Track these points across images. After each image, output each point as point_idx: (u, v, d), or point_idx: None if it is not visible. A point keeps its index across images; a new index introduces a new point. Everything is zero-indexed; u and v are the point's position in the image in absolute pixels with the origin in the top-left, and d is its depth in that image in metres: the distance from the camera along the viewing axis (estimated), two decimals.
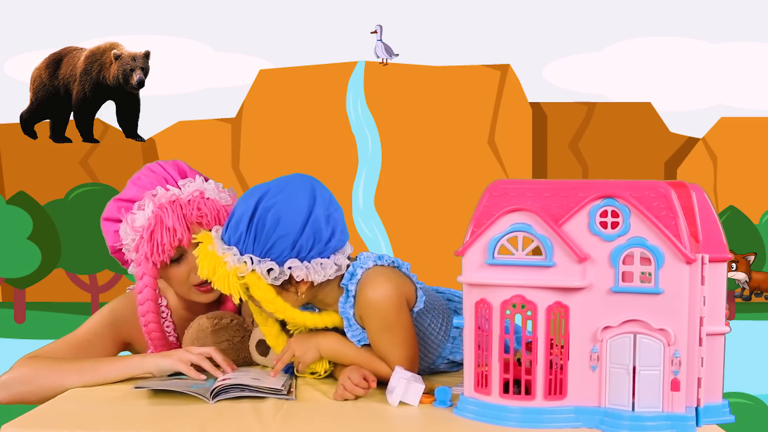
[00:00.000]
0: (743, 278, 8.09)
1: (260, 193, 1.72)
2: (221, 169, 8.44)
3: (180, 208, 1.93)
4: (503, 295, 1.51)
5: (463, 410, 1.58)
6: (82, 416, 1.62)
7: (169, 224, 1.91)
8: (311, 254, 1.72)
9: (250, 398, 1.71)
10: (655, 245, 1.46)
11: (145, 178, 1.99)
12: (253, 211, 1.70)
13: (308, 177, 1.78)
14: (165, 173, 1.99)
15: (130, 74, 7.99)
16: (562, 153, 9.05)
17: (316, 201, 1.73)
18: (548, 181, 1.55)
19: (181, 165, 2.02)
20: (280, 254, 1.70)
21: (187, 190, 1.96)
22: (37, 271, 7.74)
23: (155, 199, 1.94)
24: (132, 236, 1.94)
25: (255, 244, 1.70)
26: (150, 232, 1.92)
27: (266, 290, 1.72)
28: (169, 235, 1.91)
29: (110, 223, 2.01)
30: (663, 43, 12.23)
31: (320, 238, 1.72)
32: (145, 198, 1.95)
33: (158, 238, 1.91)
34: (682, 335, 1.46)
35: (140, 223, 1.93)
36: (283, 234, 1.69)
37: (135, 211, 1.95)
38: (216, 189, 1.99)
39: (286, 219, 1.70)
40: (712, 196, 8.00)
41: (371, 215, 8.43)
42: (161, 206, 1.92)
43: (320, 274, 1.72)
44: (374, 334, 1.78)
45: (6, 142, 8.61)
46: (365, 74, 8.66)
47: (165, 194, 1.94)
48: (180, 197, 1.94)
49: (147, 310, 1.97)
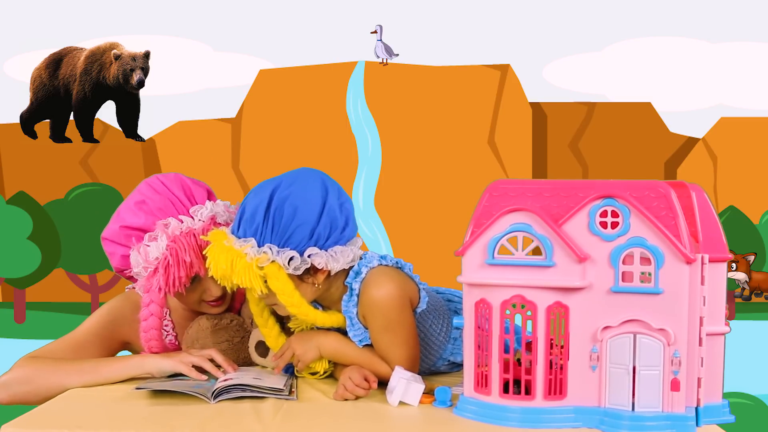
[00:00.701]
0: (743, 278, 8.08)
1: (272, 186, 1.73)
2: (221, 169, 8.44)
3: (194, 238, 1.88)
4: (503, 295, 1.51)
5: (463, 410, 1.58)
6: (82, 416, 1.62)
7: (186, 258, 1.86)
8: (329, 242, 1.73)
9: (251, 398, 1.71)
10: (655, 245, 1.46)
11: (152, 202, 1.92)
12: (269, 203, 1.71)
13: (316, 170, 1.79)
14: (171, 195, 1.93)
15: (130, 74, 7.99)
16: (562, 153, 9.05)
17: (328, 191, 1.74)
18: (548, 181, 1.55)
19: (184, 181, 1.96)
20: (299, 243, 1.71)
21: (200, 217, 1.90)
22: (37, 271, 7.74)
23: (168, 230, 1.88)
24: (144, 265, 1.89)
25: (273, 234, 1.70)
26: (165, 266, 1.86)
27: (285, 282, 1.72)
28: (186, 268, 1.87)
29: (116, 246, 1.95)
30: (663, 43, 12.23)
31: (336, 225, 1.73)
32: (157, 229, 1.89)
33: (174, 272, 1.86)
34: (682, 335, 1.46)
35: (154, 256, 1.87)
36: (301, 222, 1.70)
37: (148, 243, 1.89)
38: (225, 209, 1.94)
39: (303, 208, 1.70)
40: (712, 196, 8.00)
41: (371, 215, 8.43)
42: (176, 239, 1.87)
43: (339, 261, 1.73)
44: (377, 334, 1.78)
45: (6, 142, 8.61)
46: (365, 74, 8.66)
47: (178, 226, 1.88)
48: (193, 228, 1.89)
49: (150, 337, 1.92)
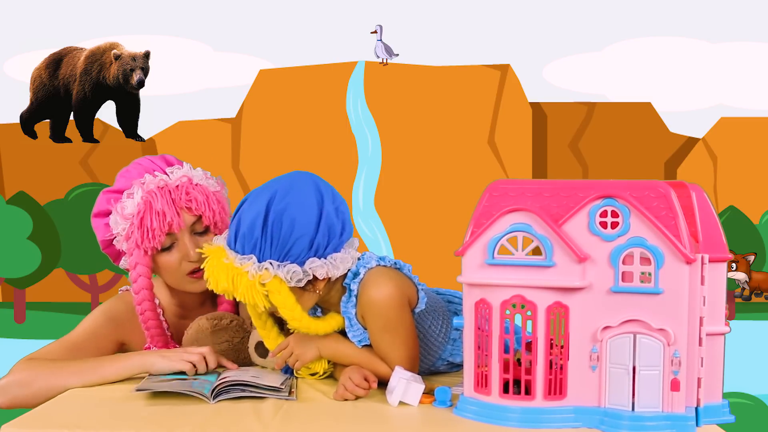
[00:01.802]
0: (743, 278, 8.08)
1: (268, 197, 1.69)
2: (221, 169, 8.43)
3: (169, 193, 1.95)
4: (503, 295, 1.51)
5: (463, 410, 1.58)
6: (82, 416, 1.62)
7: (159, 208, 1.93)
8: (327, 250, 1.72)
9: (251, 398, 1.71)
10: (655, 245, 1.46)
11: (134, 170, 2.02)
12: (266, 216, 1.68)
13: (308, 173, 1.77)
14: (152, 164, 2.02)
15: (130, 74, 7.98)
16: (562, 153, 9.05)
17: (323, 197, 1.72)
18: (548, 181, 1.55)
19: (168, 157, 2.06)
20: (299, 255, 1.69)
21: (175, 176, 1.98)
22: (37, 271, 7.74)
23: (144, 186, 1.96)
24: (123, 225, 1.97)
25: (272, 248, 1.68)
26: (140, 219, 1.94)
27: (287, 296, 1.70)
28: (159, 220, 1.93)
29: (100, 218, 2.03)
30: (663, 43, 12.22)
31: (334, 232, 1.72)
32: (133, 186, 1.97)
33: (148, 223, 1.93)
34: (682, 335, 1.46)
35: (130, 211, 1.95)
36: (300, 235, 1.68)
37: (124, 199, 1.97)
38: (204, 176, 2.02)
39: (301, 219, 1.68)
40: (712, 196, 7.99)
41: (371, 215, 8.42)
42: (150, 192, 1.95)
43: (339, 268, 1.72)
44: (375, 334, 1.78)
45: (6, 142, 8.60)
46: (365, 74, 8.65)
47: (153, 180, 1.97)
48: (168, 183, 1.97)
49: (143, 298, 1.98)
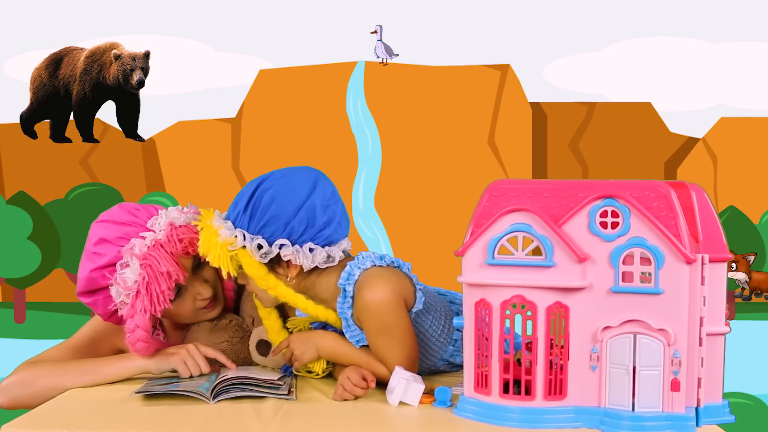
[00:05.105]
0: (743, 278, 8.08)
1: (263, 177, 1.78)
2: (221, 169, 8.44)
3: (163, 249, 1.84)
4: (503, 295, 1.51)
5: (463, 410, 1.58)
6: (82, 416, 1.62)
7: (163, 269, 1.82)
8: (303, 238, 1.74)
9: (251, 398, 1.71)
10: (655, 245, 1.46)
11: (109, 236, 1.87)
12: (253, 192, 1.76)
13: (315, 170, 1.81)
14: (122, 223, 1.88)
15: (130, 74, 7.98)
16: (562, 153, 9.04)
17: (315, 189, 1.76)
18: (548, 181, 1.55)
19: (127, 206, 1.92)
20: (272, 234, 1.74)
21: (160, 227, 1.86)
22: (37, 271, 7.74)
23: (136, 251, 1.84)
24: (126, 293, 1.84)
25: (250, 221, 1.75)
26: (146, 286, 1.82)
27: (258, 267, 1.76)
28: (166, 280, 1.83)
29: (95, 295, 1.89)
30: (663, 43, 12.22)
31: (313, 223, 1.75)
32: (124, 255, 1.84)
33: (156, 288, 1.82)
34: (682, 335, 1.46)
35: (133, 280, 1.82)
36: (276, 214, 1.73)
37: (120, 271, 1.84)
38: (179, 212, 1.90)
39: (282, 200, 1.74)
40: (712, 196, 7.98)
41: (371, 215, 8.42)
42: (146, 256, 1.83)
43: (309, 258, 1.75)
44: (371, 337, 1.78)
45: (6, 142, 8.60)
46: (365, 74, 8.65)
47: (142, 243, 1.84)
48: (158, 239, 1.85)
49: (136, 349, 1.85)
